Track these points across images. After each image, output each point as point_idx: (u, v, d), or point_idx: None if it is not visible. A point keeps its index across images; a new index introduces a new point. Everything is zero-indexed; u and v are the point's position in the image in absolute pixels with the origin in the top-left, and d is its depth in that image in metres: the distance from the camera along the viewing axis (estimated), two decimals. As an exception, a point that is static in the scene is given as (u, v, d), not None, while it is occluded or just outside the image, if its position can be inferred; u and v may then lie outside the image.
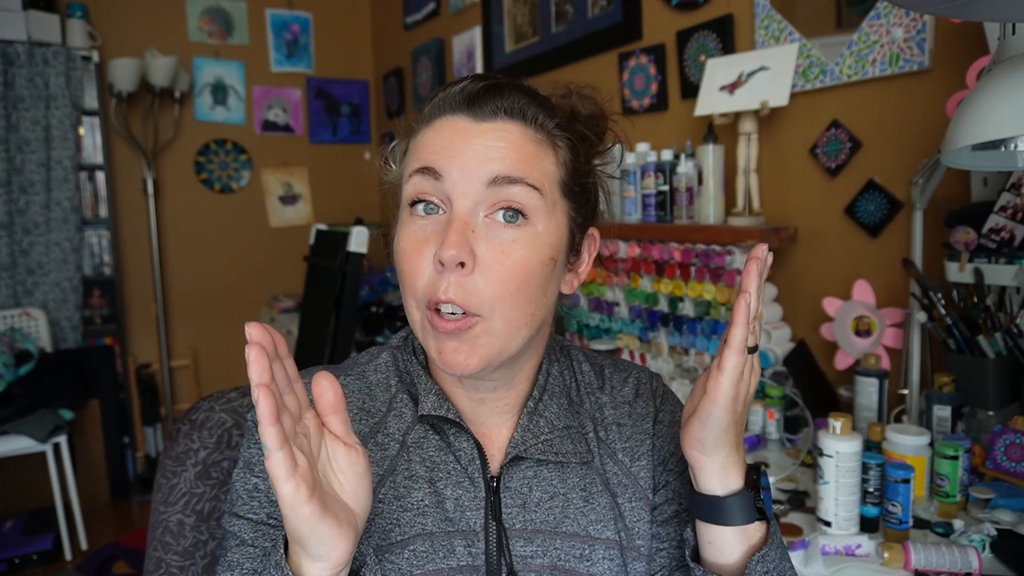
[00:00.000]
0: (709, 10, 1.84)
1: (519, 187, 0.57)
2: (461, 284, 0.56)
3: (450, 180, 0.57)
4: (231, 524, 0.62)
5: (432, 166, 0.58)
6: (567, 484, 0.65)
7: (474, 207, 0.57)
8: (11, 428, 2.49)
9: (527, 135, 0.59)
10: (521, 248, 0.57)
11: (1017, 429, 1.13)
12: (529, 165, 0.58)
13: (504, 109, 0.59)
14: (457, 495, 0.62)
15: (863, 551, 1.00)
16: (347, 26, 3.92)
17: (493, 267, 0.56)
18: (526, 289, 0.58)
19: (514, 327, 0.58)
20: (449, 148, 0.58)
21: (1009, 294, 1.25)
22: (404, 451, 0.64)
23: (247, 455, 0.63)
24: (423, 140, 0.61)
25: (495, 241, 0.57)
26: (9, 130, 2.99)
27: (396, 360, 0.69)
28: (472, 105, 0.59)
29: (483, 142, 0.58)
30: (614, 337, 2.00)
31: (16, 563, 2.53)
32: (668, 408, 0.71)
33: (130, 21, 3.37)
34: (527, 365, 0.66)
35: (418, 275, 0.58)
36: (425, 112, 0.63)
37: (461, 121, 0.59)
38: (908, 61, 1.41)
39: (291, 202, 3.84)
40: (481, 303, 0.56)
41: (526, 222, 0.58)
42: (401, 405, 0.66)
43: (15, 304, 3.05)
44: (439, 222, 0.58)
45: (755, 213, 1.66)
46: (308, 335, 2.76)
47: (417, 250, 0.58)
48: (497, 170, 0.57)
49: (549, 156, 0.60)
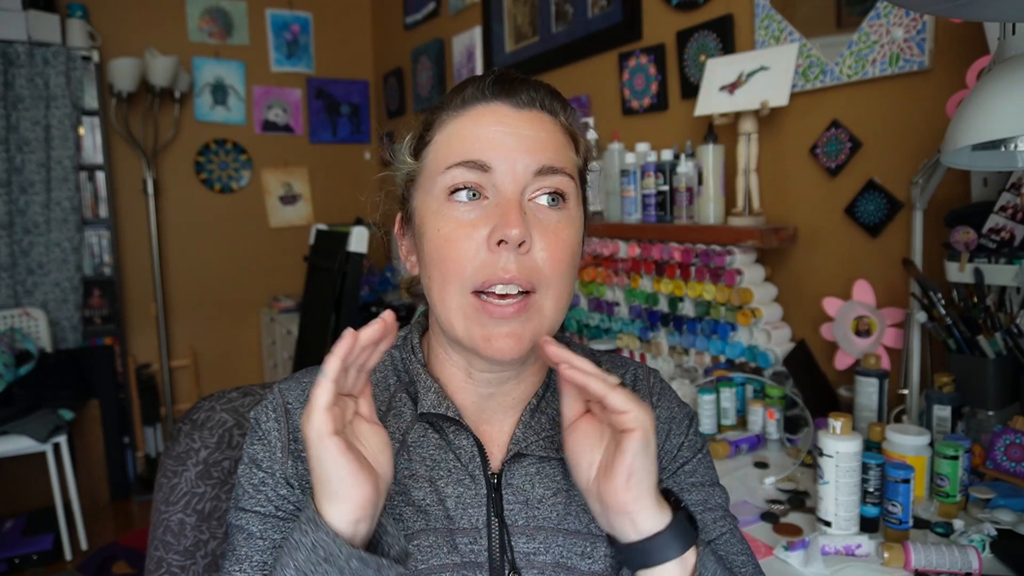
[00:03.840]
0: (709, 10, 1.84)
1: (560, 176, 0.61)
2: (521, 262, 0.58)
3: (499, 172, 0.59)
4: (238, 519, 0.62)
5: (480, 159, 0.59)
6: (569, 481, 0.65)
7: (522, 192, 0.60)
8: (11, 428, 2.49)
9: (558, 126, 0.63)
10: (566, 228, 0.61)
11: (1017, 429, 1.13)
12: (564, 155, 0.63)
13: (537, 100, 0.62)
14: (458, 493, 0.63)
15: (863, 551, 1.00)
16: (347, 26, 3.93)
17: (548, 245, 0.60)
18: (571, 267, 0.62)
19: (560, 305, 0.61)
20: (496, 140, 0.60)
21: (1009, 294, 1.25)
22: (404, 450, 0.64)
23: (251, 451, 0.64)
24: (461, 130, 0.62)
25: (544, 223, 0.60)
26: (9, 130, 2.99)
27: (394, 359, 0.69)
28: (511, 93, 0.62)
29: (527, 131, 0.61)
30: (614, 337, 2.00)
31: (16, 563, 2.54)
32: (664, 404, 0.71)
33: (130, 21, 3.37)
34: (539, 358, 0.67)
35: (466, 259, 0.59)
36: (454, 102, 0.63)
37: (501, 108, 0.62)
38: (908, 61, 1.41)
39: (291, 202, 3.84)
40: (540, 279, 0.59)
41: (565, 205, 0.62)
42: (400, 404, 0.66)
43: (15, 304, 3.05)
44: (485, 207, 0.60)
45: (755, 213, 1.66)
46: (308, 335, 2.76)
47: (465, 234, 0.59)
48: (544, 160, 0.60)
49: (572, 147, 0.65)
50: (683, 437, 0.70)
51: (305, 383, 0.67)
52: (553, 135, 0.62)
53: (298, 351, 2.86)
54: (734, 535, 0.67)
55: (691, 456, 0.69)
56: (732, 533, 0.67)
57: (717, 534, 0.66)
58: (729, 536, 0.67)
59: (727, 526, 0.67)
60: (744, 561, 0.66)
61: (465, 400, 0.66)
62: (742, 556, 0.66)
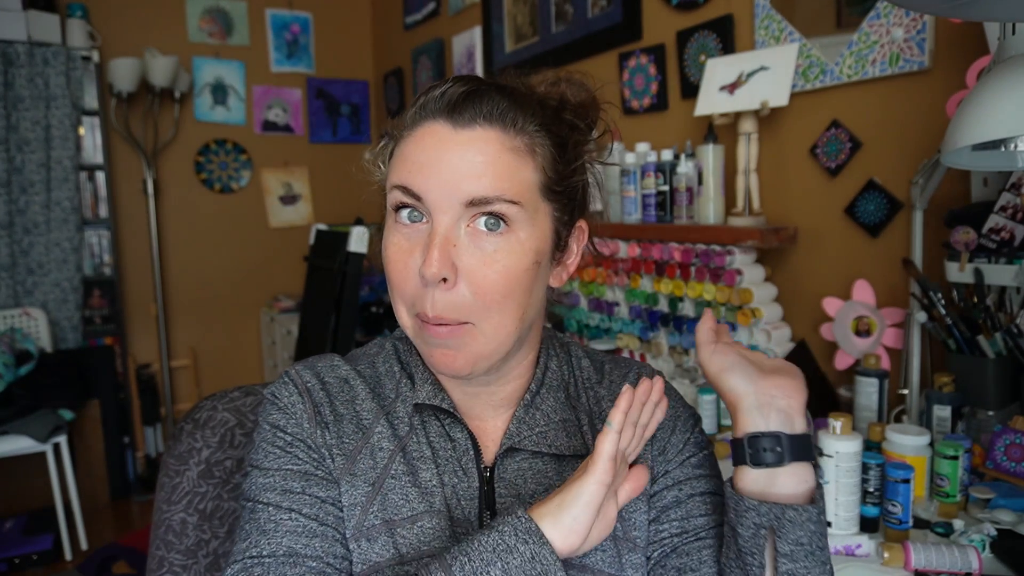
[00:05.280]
0: (709, 10, 1.84)
1: (497, 204, 0.57)
2: (446, 298, 0.58)
3: (429, 200, 0.58)
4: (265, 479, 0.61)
5: (410, 187, 0.59)
6: (563, 477, 0.65)
7: (455, 221, 0.58)
8: (11, 428, 2.49)
9: (504, 144, 0.59)
10: (504, 257, 0.58)
11: (1017, 429, 1.14)
12: (507, 180, 0.58)
13: (483, 115, 0.59)
14: (454, 483, 0.63)
15: (863, 551, 1.00)
16: (347, 26, 3.92)
17: (477, 278, 0.58)
18: (512, 296, 0.59)
19: (504, 332, 0.60)
20: (427, 166, 0.58)
21: (1009, 294, 1.25)
22: (413, 432, 0.65)
23: (272, 419, 0.64)
24: (405, 150, 0.61)
25: (477, 253, 0.58)
26: (9, 130, 2.99)
27: (398, 351, 0.71)
28: (452, 112, 0.59)
29: (461, 155, 0.57)
30: (614, 337, 2.00)
31: (16, 563, 2.53)
32: (670, 403, 0.71)
33: (130, 21, 3.37)
34: (522, 361, 0.67)
35: (405, 284, 0.60)
36: (408, 117, 0.63)
37: (441, 129, 0.59)
38: (908, 61, 1.41)
39: (291, 202, 3.84)
40: (469, 313, 0.58)
41: (508, 229, 0.58)
42: (406, 391, 0.67)
43: (15, 304, 3.05)
44: (422, 231, 0.59)
45: (755, 213, 1.66)
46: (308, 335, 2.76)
47: (403, 260, 0.60)
48: (474, 191, 0.57)
49: (527, 164, 0.60)
50: (689, 433, 0.70)
51: (320, 367, 0.68)
52: (494, 156, 0.58)
53: (298, 351, 2.86)
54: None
55: (697, 451, 0.70)
56: None
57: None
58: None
59: None
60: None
61: (455, 395, 0.67)
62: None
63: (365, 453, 0.64)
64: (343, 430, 0.64)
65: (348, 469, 0.63)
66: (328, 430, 0.64)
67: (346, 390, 0.67)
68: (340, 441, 0.64)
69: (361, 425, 0.65)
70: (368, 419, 0.65)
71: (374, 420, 0.65)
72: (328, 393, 0.66)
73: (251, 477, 0.63)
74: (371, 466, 0.63)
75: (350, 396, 0.67)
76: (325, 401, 0.65)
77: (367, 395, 0.67)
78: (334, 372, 0.68)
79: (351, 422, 0.65)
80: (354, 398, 0.67)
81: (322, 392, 0.66)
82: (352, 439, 0.64)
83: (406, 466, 0.63)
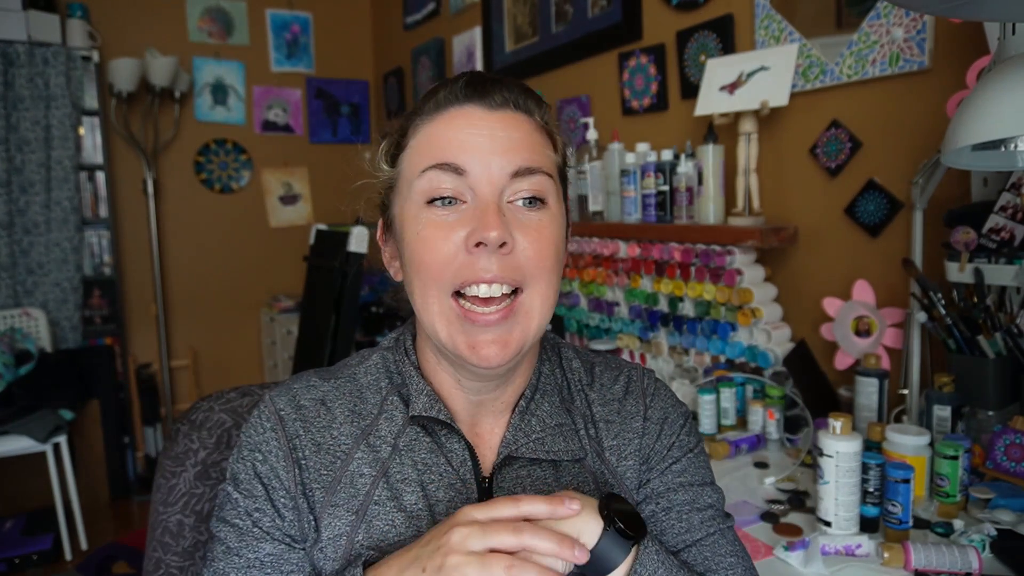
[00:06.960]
0: (709, 10, 1.84)
1: (538, 176, 0.60)
2: (503, 262, 0.58)
3: (473, 175, 0.59)
4: (219, 529, 0.62)
5: (453, 162, 0.59)
6: (561, 483, 0.65)
7: (500, 194, 0.59)
8: (11, 428, 2.49)
9: (534, 125, 0.62)
10: (548, 226, 0.61)
11: (1017, 429, 1.13)
12: (541, 155, 0.62)
13: (512, 100, 0.61)
14: (449, 497, 0.62)
15: (863, 551, 1.00)
16: (347, 26, 3.93)
17: (532, 244, 0.59)
18: (556, 264, 0.62)
19: (548, 304, 0.61)
20: (469, 142, 0.59)
21: (1009, 294, 1.25)
22: (396, 454, 0.63)
23: (235, 469, 0.64)
24: (433, 134, 0.61)
25: (525, 222, 0.60)
26: (9, 130, 2.99)
27: (387, 362, 0.69)
28: (484, 95, 0.61)
29: (501, 132, 0.60)
30: (614, 337, 2.00)
31: (16, 563, 2.53)
32: (659, 405, 0.71)
33: (130, 21, 3.37)
34: (526, 360, 0.67)
35: (445, 261, 0.59)
36: (427, 107, 0.63)
37: (474, 110, 0.60)
38: (908, 61, 1.41)
39: (291, 202, 3.84)
40: (525, 276, 0.59)
41: (544, 206, 0.61)
42: (392, 408, 0.65)
43: (15, 304, 3.05)
44: (463, 211, 0.59)
45: (755, 213, 1.66)
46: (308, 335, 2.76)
47: (443, 236, 0.59)
48: (520, 162, 0.59)
49: (549, 145, 0.64)
50: (674, 437, 0.70)
51: (295, 389, 0.66)
52: (529, 135, 0.61)
53: (298, 351, 2.86)
54: (724, 536, 0.66)
55: (681, 456, 0.69)
56: (722, 534, 0.66)
57: (704, 534, 0.66)
58: (718, 537, 0.66)
59: (716, 527, 0.66)
60: (732, 563, 0.65)
61: (456, 405, 0.66)
62: (730, 558, 0.65)
63: (345, 482, 0.62)
64: (321, 461, 0.63)
65: (328, 501, 0.61)
66: (303, 467, 0.62)
67: (323, 414, 0.65)
68: (318, 474, 0.62)
69: (339, 453, 0.63)
70: (347, 444, 0.63)
71: (353, 446, 0.63)
72: (304, 420, 0.64)
73: (213, 517, 0.64)
74: (352, 494, 0.62)
75: (327, 421, 0.65)
76: (301, 431, 0.63)
77: (345, 418, 0.65)
78: (310, 393, 0.66)
79: (328, 452, 0.63)
80: (331, 423, 0.64)
81: (298, 422, 0.64)
82: (330, 470, 0.62)
83: (389, 491, 0.62)
